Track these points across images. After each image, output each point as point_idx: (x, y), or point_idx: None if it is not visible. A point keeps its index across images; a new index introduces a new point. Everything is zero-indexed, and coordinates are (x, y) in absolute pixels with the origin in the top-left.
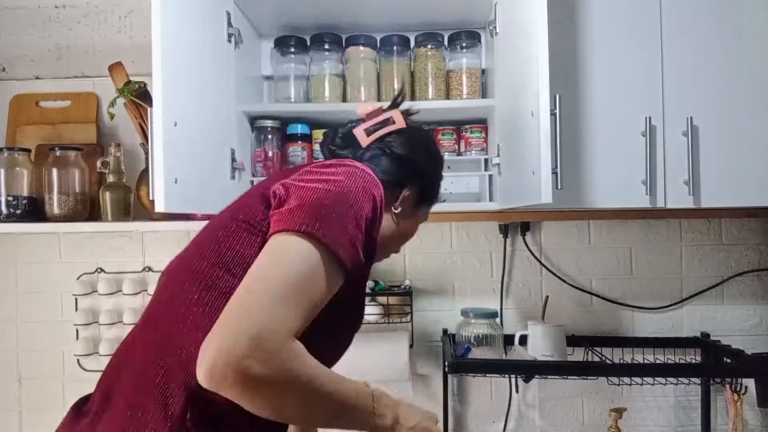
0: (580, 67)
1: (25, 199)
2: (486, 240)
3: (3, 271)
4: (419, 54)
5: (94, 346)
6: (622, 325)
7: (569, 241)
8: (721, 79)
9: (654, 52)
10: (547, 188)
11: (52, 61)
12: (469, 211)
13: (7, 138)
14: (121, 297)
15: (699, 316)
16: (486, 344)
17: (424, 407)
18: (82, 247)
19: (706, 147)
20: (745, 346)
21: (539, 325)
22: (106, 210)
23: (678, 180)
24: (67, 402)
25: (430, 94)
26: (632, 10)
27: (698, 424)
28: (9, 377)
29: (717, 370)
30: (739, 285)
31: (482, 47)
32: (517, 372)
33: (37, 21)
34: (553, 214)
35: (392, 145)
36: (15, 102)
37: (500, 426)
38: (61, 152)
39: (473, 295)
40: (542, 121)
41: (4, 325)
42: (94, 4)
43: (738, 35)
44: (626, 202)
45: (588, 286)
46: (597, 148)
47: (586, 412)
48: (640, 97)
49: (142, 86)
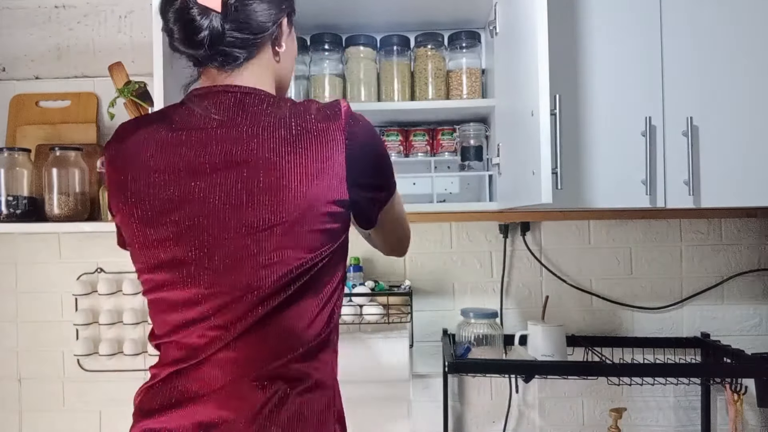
0: (580, 67)
1: (25, 199)
2: (486, 240)
3: (3, 271)
4: (419, 54)
5: (94, 346)
6: (622, 325)
7: (569, 241)
8: (721, 79)
9: (654, 52)
10: (547, 188)
11: (52, 61)
12: (469, 211)
13: (7, 138)
14: (121, 297)
15: (699, 316)
16: (486, 344)
17: (424, 407)
18: (82, 247)
19: (706, 147)
20: (745, 346)
21: (539, 325)
22: (106, 210)
23: (678, 180)
24: (67, 402)
25: (430, 94)
26: (632, 10)
27: (698, 424)
28: (9, 377)
29: (717, 370)
30: (739, 285)
31: (482, 47)
32: (517, 372)
33: (37, 21)
34: (553, 214)
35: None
36: (15, 102)
37: (500, 426)
38: (61, 152)
39: (473, 295)
40: (542, 121)
41: (4, 325)
42: (94, 4)
43: (738, 35)
44: (626, 202)
45: (588, 286)
46: (597, 148)
47: (586, 412)
48: (640, 97)
49: (142, 86)
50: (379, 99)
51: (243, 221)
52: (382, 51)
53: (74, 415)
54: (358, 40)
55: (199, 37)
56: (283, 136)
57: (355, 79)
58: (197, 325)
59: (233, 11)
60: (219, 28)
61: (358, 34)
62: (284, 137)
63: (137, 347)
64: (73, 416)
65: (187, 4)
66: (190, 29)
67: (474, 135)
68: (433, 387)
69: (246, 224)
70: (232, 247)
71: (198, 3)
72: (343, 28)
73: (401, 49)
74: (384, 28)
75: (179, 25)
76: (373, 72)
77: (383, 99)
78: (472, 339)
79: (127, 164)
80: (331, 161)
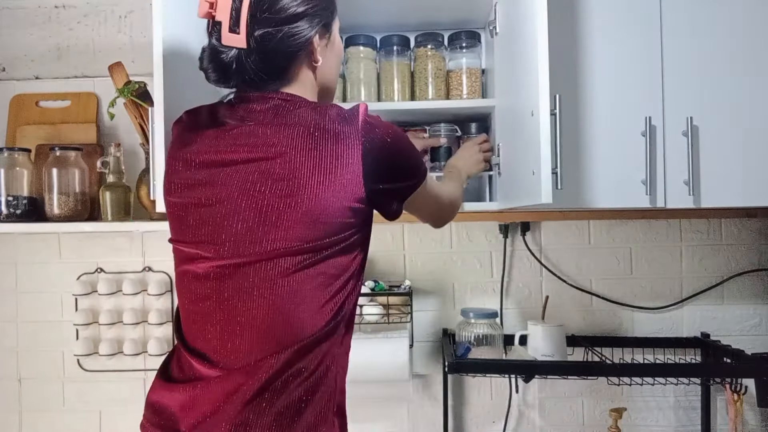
0: (580, 67)
1: (25, 199)
2: (486, 240)
3: (3, 271)
4: (419, 54)
5: (94, 346)
6: (622, 325)
7: (569, 241)
8: (721, 79)
9: (654, 52)
10: (547, 188)
11: (52, 61)
12: (469, 211)
13: (7, 138)
14: (121, 297)
15: (699, 316)
16: (486, 344)
17: (424, 407)
18: (82, 247)
19: (706, 147)
20: (745, 346)
21: (539, 325)
22: (106, 210)
23: (678, 180)
24: (67, 402)
25: (430, 94)
26: (632, 10)
27: (698, 424)
28: (9, 377)
29: (717, 370)
30: (739, 285)
31: (482, 47)
32: (517, 372)
33: (37, 21)
34: (553, 214)
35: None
36: (15, 102)
37: (500, 426)
38: (61, 152)
39: (473, 295)
40: (542, 121)
41: (4, 325)
42: (94, 4)
43: (738, 35)
44: (626, 202)
45: (588, 286)
46: (597, 148)
47: (586, 412)
48: (640, 97)
49: (142, 86)
50: (379, 99)
51: (253, 204)
52: (382, 51)
53: (74, 415)
54: (358, 40)
55: (229, 74)
56: (301, 134)
57: (355, 79)
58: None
59: (255, 46)
60: (245, 63)
61: (358, 34)
62: (302, 135)
63: (137, 347)
64: (73, 416)
65: (215, 46)
66: (220, 67)
67: (445, 135)
68: (433, 387)
69: (256, 207)
70: (239, 227)
71: (223, 44)
72: (343, 28)
73: (401, 49)
74: (384, 28)
75: (212, 66)
76: (373, 72)
77: (383, 99)
78: (472, 339)
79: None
80: (346, 159)
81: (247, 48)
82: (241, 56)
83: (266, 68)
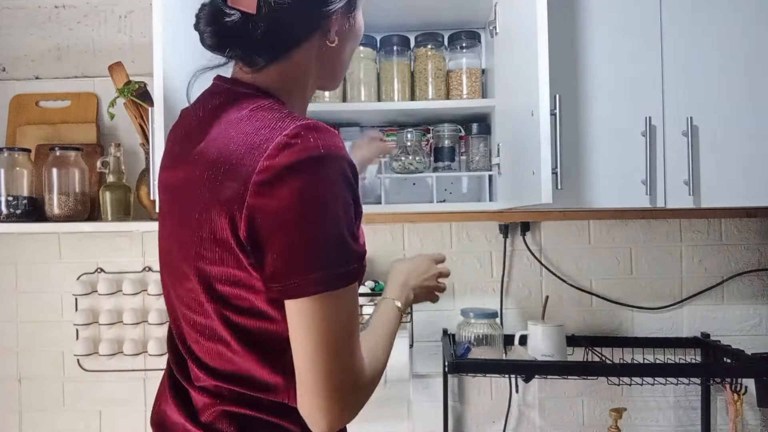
0: (580, 67)
1: (25, 199)
2: (486, 240)
3: (3, 271)
4: (419, 54)
5: (94, 346)
6: (622, 325)
7: (569, 241)
8: (721, 79)
9: (654, 52)
10: (547, 188)
11: (52, 61)
12: (469, 211)
13: (7, 138)
14: (121, 297)
15: (699, 316)
16: (486, 344)
17: (424, 407)
18: (82, 247)
19: (706, 147)
20: (745, 346)
21: (539, 325)
22: (106, 210)
23: (678, 180)
24: (67, 402)
25: (430, 94)
26: (632, 10)
27: (698, 424)
28: (9, 377)
29: (717, 370)
30: (739, 285)
31: (482, 47)
32: (517, 372)
33: (37, 21)
34: (553, 214)
35: None
36: (15, 102)
37: (500, 426)
38: (61, 152)
39: (473, 295)
40: (542, 121)
41: (4, 325)
42: (94, 4)
43: (738, 35)
44: (626, 202)
45: (588, 286)
46: (597, 148)
47: (586, 412)
48: (640, 97)
49: (142, 86)
50: (379, 99)
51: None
52: (382, 51)
53: (74, 415)
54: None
55: (228, 41)
56: (213, 156)
57: (355, 79)
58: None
59: (267, 12)
60: (249, 32)
61: None
62: (212, 158)
63: (137, 347)
64: (73, 416)
65: (219, 5)
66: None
67: (448, 135)
68: (433, 387)
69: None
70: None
71: (228, 4)
72: None
73: (401, 49)
74: (384, 28)
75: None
76: (373, 72)
77: (383, 99)
78: (472, 339)
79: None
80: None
81: (256, 14)
82: (246, 23)
83: (269, 42)
